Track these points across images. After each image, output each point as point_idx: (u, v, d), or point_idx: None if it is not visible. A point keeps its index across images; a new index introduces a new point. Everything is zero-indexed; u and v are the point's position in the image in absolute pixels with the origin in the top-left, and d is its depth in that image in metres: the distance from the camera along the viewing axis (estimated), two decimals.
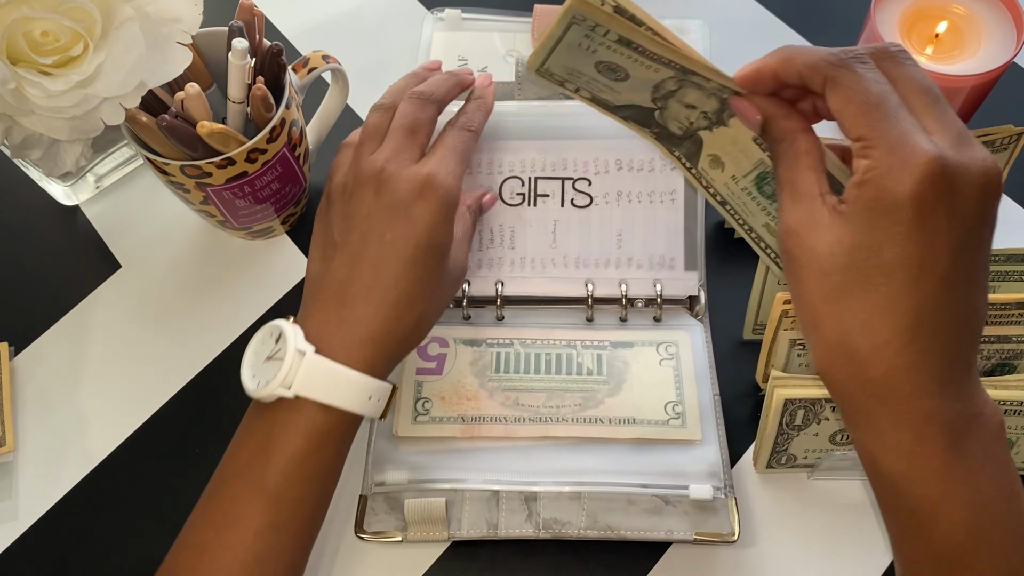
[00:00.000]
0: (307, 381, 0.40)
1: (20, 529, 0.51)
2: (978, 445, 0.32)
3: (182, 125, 0.48)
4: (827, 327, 0.32)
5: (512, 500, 0.49)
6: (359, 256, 0.42)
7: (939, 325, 0.31)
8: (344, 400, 0.40)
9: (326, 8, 0.70)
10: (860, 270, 0.31)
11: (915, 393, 0.31)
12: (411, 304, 0.42)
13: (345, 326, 0.41)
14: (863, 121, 0.31)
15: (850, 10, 0.67)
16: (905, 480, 0.32)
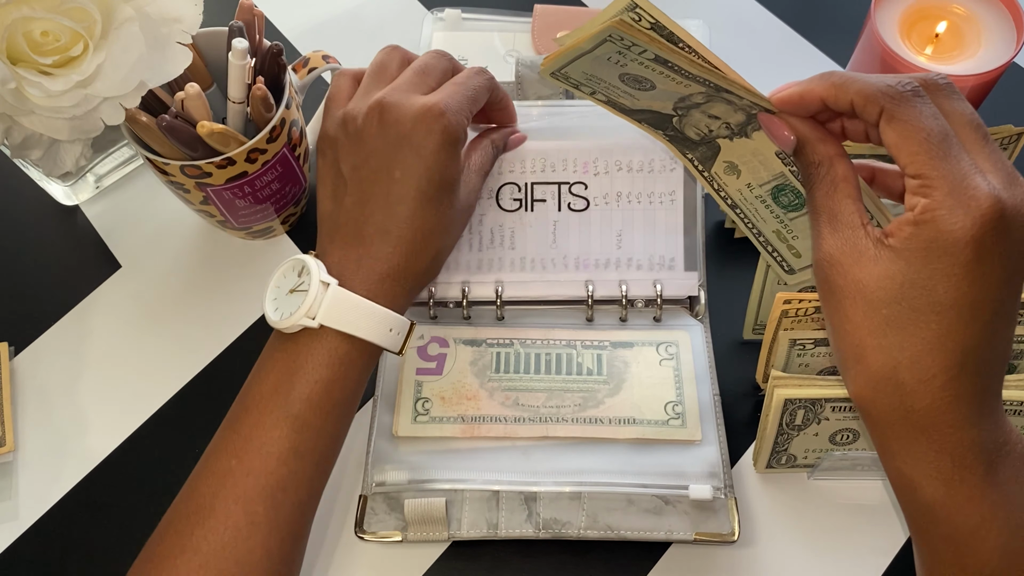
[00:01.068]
0: (331, 311, 0.41)
1: (20, 529, 0.51)
2: (1011, 471, 0.33)
3: (182, 125, 0.48)
4: (873, 359, 0.33)
5: (512, 500, 0.49)
6: (370, 194, 0.43)
7: (983, 360, 0.32)
8: (367, 331, 0.42)
9: (326, 8, 0.70)
10: (912, 306, 0.32)
11: (957, 423, 0.32)
12: (427, 240, 0.43)
13: (364, 263, 0.42)
14: (923, 159, 0.31)
15: (850, 10, 0.67)
16: (943, 506, 0.33)
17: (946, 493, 0.33)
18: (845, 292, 0.33)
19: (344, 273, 0.42)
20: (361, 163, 0.43)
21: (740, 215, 0.44)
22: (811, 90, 0.36)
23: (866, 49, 0.56)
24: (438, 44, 0.66)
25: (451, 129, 0.43)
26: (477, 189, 0.48)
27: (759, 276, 0.50)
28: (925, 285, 0.31)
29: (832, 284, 0.34)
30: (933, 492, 0.33)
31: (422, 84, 0.45)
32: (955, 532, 0.33)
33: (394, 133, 0.42)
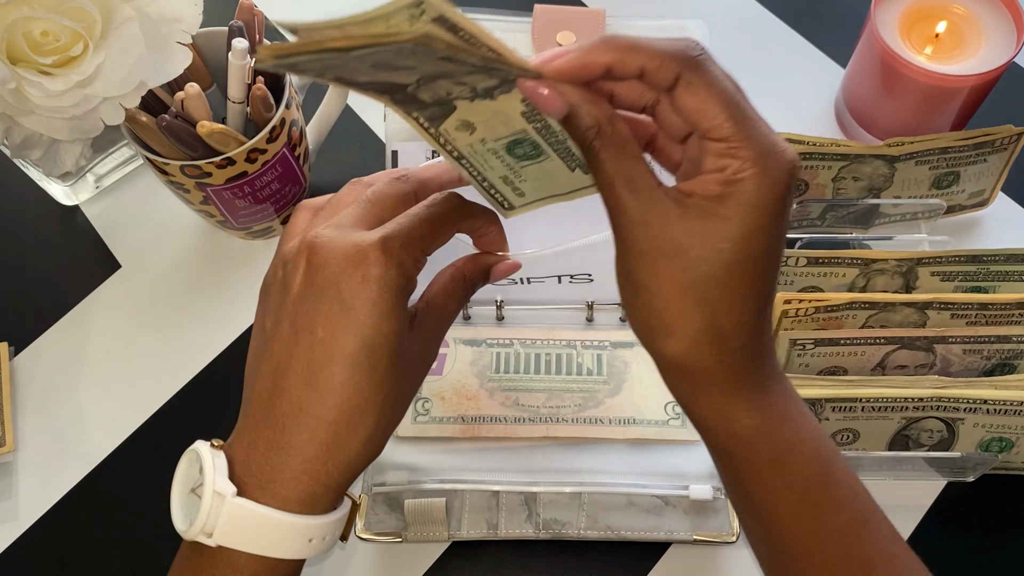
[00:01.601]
0: (229, 530, 0.33)
1: (20, 529, 0.51)
2: (789, 387, 0.36)
3: (182, 125, 0.48)
4: (693, 313, 0.33)
5: (512, 500, 0.49)
6: (288, 358, 0.34)
7: (773, 290, 0.34)
8: (276, 549, 0.34)
9: (326, 8, 0.70)
10: (728, 260, 0.32)
11: (763, 358, 0.34)
12: (356, 421, 0.34)
13: (274, 455, 0.34)
14: (728, 123, 0.32)
15: (850, 10, 0.67)
16: (761, 432, 0.35)
17: (763, 420, 0.34)
18: (661, 252, 0.33)
19: (251, 468, 0.34)
20: (284, 317, 0.34)
21: (465, 164, 0.40)
22: (594, 58, 0.33)
23: (866, 49, 0.56)
24: None
25: (389, 276, 0.33)
26: (437, 337, 0.38)
27: None
28: (740, 240, 0.32)
29: (643, 246, 0.33)
30: (750, 422, 0.34)
31: (368, 216, 0.36)
32: (778, 452, 0.35)
33: (320, 280, 0.34)
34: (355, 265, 0.33)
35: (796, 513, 0.36)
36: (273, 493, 0.33)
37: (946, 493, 0.50)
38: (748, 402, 0.35)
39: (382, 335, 0.33)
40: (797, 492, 0.35)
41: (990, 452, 0.48)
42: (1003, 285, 0.51)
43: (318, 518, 0.34)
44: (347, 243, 0.34)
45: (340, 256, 0.33)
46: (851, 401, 0.45)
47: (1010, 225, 0.58)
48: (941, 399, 0.45)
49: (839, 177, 0.53)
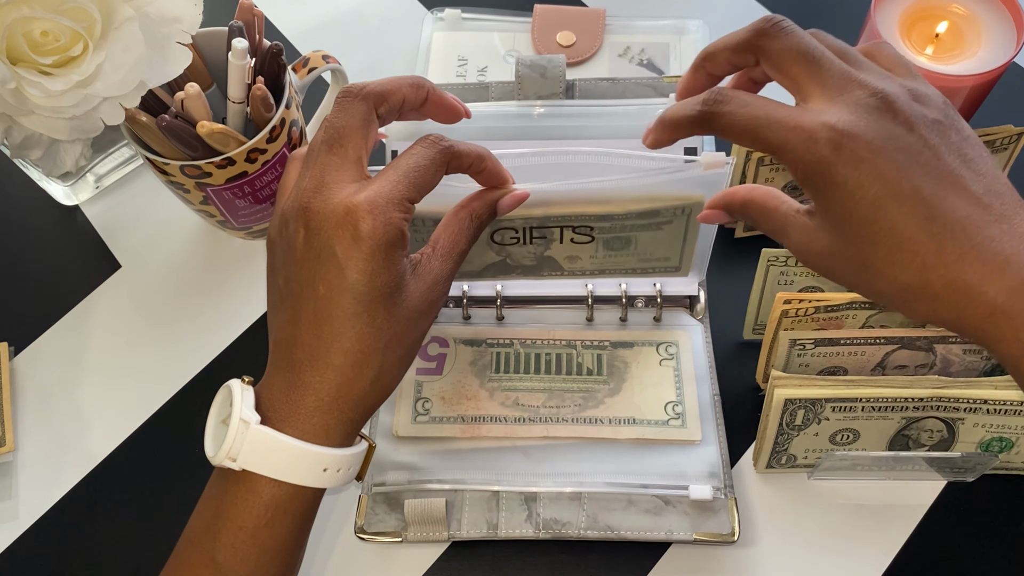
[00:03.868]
0: (252, 454, 0.37)
1: (20, 529, 0.51)
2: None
3: (182, 125, 0.48)
4: (883, 288, 0.34)
5: (512, 500, 0.49)
6: (299, 312, 0.38)
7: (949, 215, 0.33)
8: (294, 474, 0.37)
9: (326, 8, 0.70)
10: (855, 234, 0.34)
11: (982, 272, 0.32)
12: (361, 364, 0.37)
13: (294, 393, 0.37)
14: (802, 72, 0.36)
15: (850, 10, 0.67)
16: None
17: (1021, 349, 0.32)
18: (826, 265, 0.36)
19: (274, 403, 0.38)
20: (292, 275, 0.38)
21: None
22: (693, 77, 0.39)
23: None
24: (438, 44, 0.66)
25: (377, 234, 0.36)
26: (445, 278, 0.40)
27: (759, 276, 0.50)
28: (843, 215, 0.34)
29: (817, 268, 0.36)
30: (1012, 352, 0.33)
31: (342, 164, 0.38)
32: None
33: (317, 243, 0.37)
34: (345, 227, 0.36)
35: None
36: (292, 425, 0.37)
37: (946, 493, 0.50)
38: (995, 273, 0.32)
39: (376, 289, 0.37)
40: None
41: (990, 452, 0.48)
42: None
43: (331, 450, 0.37)
44: (336, 205, 0.36)
45: (332, 220, 0.36)
46: (851, 401, 0.45)
47: None
48: (941, 399, 0.45)
49: None
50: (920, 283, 0.33)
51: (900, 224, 0.33)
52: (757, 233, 0.58)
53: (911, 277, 0.33)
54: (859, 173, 0.33)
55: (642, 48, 0.65)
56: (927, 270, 0.33)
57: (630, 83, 0.55)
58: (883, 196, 0.33)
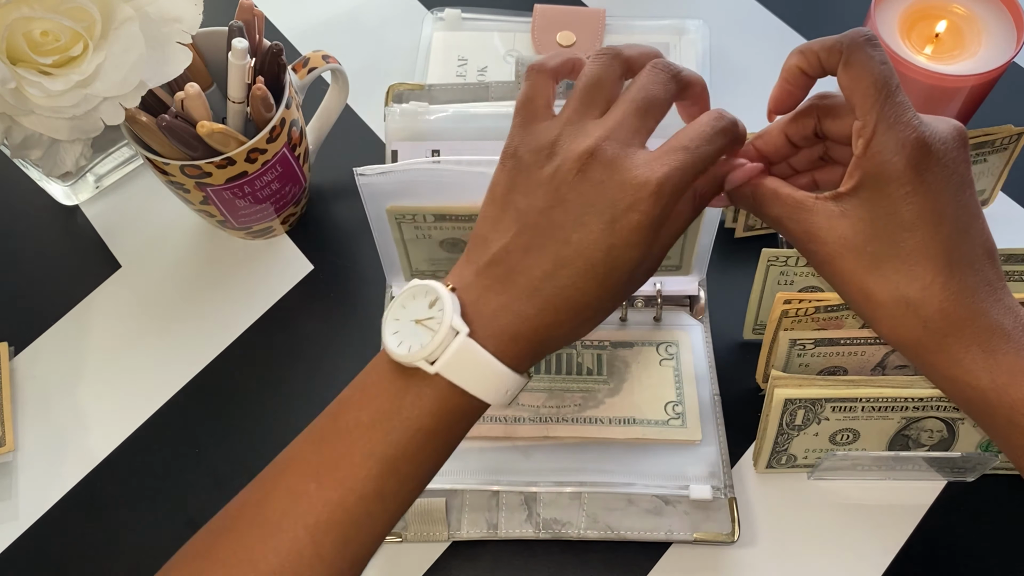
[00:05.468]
0: (453, 362, 0.37)
1: (20, 529, 0.51)
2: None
3: (182, 125, 0.48)
4: (879, 292, 0.36)
5: (512, 500, 0.49)
6: (539, 245, 0.38)
7: (967, 256, 0.36)
8: (483, 390, 0.38)
9: (326, 8, 0.70)
10: (888, 235, 0.36)
11: (971, 316, 0.36)
12: (576, 314, 0.38)
13: (503, 314, 0.38)
14: (871, 100, 0.36)
15: (850, 10, 0.67)
16: (994, 392, 0.35)
17: (990, 380, 0.35)
18: (833, 253, 0.37)
19: (479, 319, 0.38)
20: (543, 207, 0.38)
21: None
22: (789, 72, 0.40)
23: None
24: (438, 44, 0.66)
25: (654, 214, 0.37)
26: (665, 250, 0.40)
27: (759, 276, 0.50)
28: (889, 213, 0.36)
29: (820, 254, 0.38)
30: (979, 383, 0.35)
31: (643, 129, 0.38)
32: (1014, 412, 0.35)
33: (593, 193, 0.37)
34: (630, 195, 0.37)
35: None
36: (495, 344, 0.38)
37: (946, 493, 0.50)
38: (971, 363, 0.36)
39: (627, 260, 0.37)
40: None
41: (990, 452, 0.48)
42: None
43: (517, 376, 0.39)
44: (631, 173, 0.37)
45: (620, 181, 0.37)
46: (851, 401, 0.45)
47: (1010, 225, 0.58)
48: (941, 399, 0.45)
49: None
50: (918, 300, 0.36)
51: (933, 243, 0.35)
52: (757, 233, 0.58)
53: (915, 292, 0.36)
54: (929, 180, 0.35)
55: None
56: (931, 292, 0.35)
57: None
58: (932, 211, 0.35)
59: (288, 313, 0.57)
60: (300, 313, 0.57)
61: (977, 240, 0.37)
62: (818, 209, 0.37)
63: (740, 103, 0.63)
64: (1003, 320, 0.36)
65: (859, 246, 0.36)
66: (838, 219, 0.37)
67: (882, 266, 0.36)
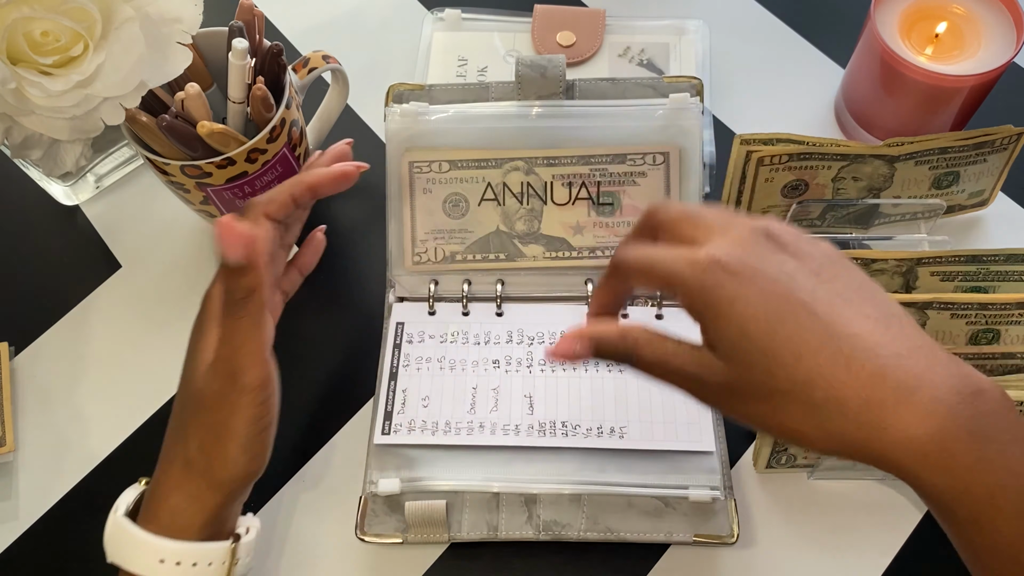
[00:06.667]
0: (108, 542, 0.40)
1: (20, 529, 0.51)
2: (992, 421, 0.31)
3: (182, 125, 0.48)
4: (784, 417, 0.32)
5: (512, 502, 0.49)
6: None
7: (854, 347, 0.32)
8: (133, 562, 0.38)
9: (326, 8, 0.70)
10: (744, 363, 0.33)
11: (898, 401, 0.31)
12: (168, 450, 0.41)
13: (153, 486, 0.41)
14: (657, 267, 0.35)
15: (850, 10, 0.67)
16: (950, 491, 0.31)
17: (951, 480, 0.30)
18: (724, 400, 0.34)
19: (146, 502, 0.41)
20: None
21: None
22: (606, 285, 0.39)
23: (866, 49, 0.56)
24: (438, 44, 0.66)
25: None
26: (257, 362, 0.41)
27: None
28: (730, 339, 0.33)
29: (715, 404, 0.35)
30: (936, 482, 0.31)
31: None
32: (971, 511, 0.31)
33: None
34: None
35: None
36: (144, 516, 0.40)
37: None
38: (922, 455, 0.30)
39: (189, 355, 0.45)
40: (1003, 556, 0.31)
41: None
42: (1003, 285, 0.51)
43: (167, 541, 0.38)
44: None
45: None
46: None
47: (1010, 225, 0.58)
48: None
49: (839, 177, 0.53)
50: (836, 398, 0.31)
51: (798, 336, 0.31)
52: None
53: (823, 392, 0.31)
54: (748, 291, 0.32)
55: (642, 48, 0.65)
56: (838, 385, 0.31)
57: (630, 83, 0.55)
58: (775, 311, 0.32)
59: (288, 313, 0.57)
60: (300, 313, 0.57)
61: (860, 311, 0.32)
62: (695, 358, 0.34)
63: (740, 103, 0.63)
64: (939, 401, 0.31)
65: (742, 379, 0.33)
66: (712, 364, 0.34)
67: (777, 383, 0.32)
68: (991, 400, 0.31)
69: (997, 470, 0.30)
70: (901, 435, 0.30)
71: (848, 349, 0.31)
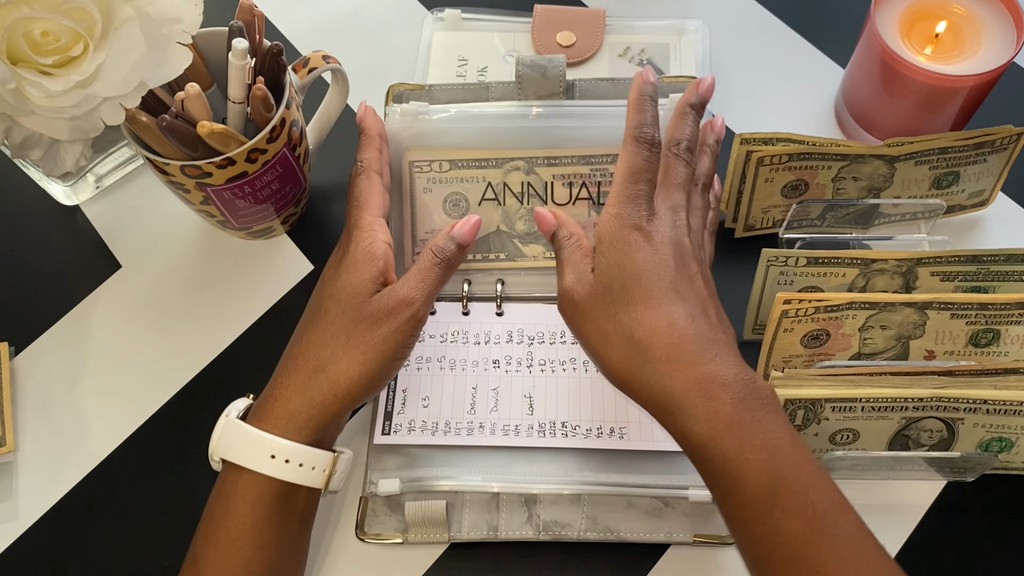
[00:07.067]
0: (220, 442, 0.43)
1: (20, 529, 0.51)
2: (759, 403, 0.38)
3: (182, 125, 0.48)
4: (612, 334, 0.41)
5: (512, 502, 0.49)
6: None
7: (689, 314, 0.41)
8: (244, 457, 0.41)
9: (326, 8, 0.70)
10: (617, 287, 0.42)
11: (694, 360, 0.39)
12: (309, 358, 0.44)
13: (267, 391, 0.44)
14: (617, 183, 0.45)
15: (850, 10, 0.67)
16: (711, 440, 0.38)
17: (708, 428, 0.38)
18: (581, 301, 0.43)
19: (257, 406, 0.44)
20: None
21: None
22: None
23: (866, 49, 0.56)
24: (438, 44, 0.66)
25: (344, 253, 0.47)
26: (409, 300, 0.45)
27: (759, 276, 0.50)
28: (615, 268, 0.42)
29: (574, 302, 0.43)
30: (699, 431, 0.38)
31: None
32: (726, 461, 0.37)
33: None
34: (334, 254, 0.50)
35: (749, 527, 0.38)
36: (260, 418, 0.43)
37: (946, 493, 0.50)
38: (693, 410, 0.38)
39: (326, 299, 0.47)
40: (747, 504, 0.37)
41: (990, 452, 0.48)
42: (1003, 285, 0.51)
43: (279, 439, 0.41)
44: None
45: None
46: (851, 401, 0.45)
47: (1010, 225, 0.58)
48: (941, 399, 0.45)
49: (839, 177, 0.53)
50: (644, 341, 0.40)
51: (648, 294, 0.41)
52: (757, 233, 0.58)
53: (642, 335, 0.40)
54: (645, 248, 0.42)
55: (642, 48, 0.65)
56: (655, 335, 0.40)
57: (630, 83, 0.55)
58: (645, 271, 0.42)
59: (288, 313, 0.57)
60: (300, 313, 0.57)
61: (696, 299, 0.42)
62: (583, 271, 0.44)
63: (740, 103, 0.63)
64: (728, 373, 0.39)
65: (600, 297, 0.42)
66: (588, 276, 0.43)
67: (616, 314, 0.41)
68: (761, 389, 0.39)
69: (748, 431, 0.38)
70: (681, 387, 0.39)
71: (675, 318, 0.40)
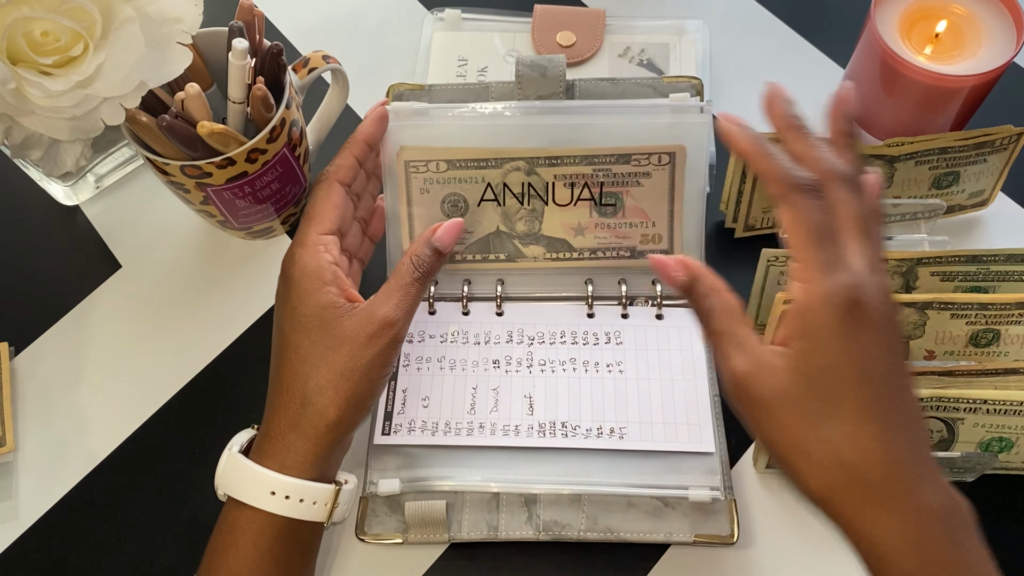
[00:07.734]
0: (223, 476, 0.43)
1: (20, 529, 0.51)
2: (966, 533, 0.35)
3: (182, 125, 0.48)
4: (815, 450, 0.35)
5: (512, 502, 0.49)
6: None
7: (904, 424, 0.35)
8: (245, 493, 0.42)
9: (326, 8, 0.70)
10: (825, 390, 0.35)
11: (910, 489, 0.34)
12: (289, 388, 0.43)
13: (261, 426, 0.44)
14: (803, 248, 0.36)
15: (850, 10, 0.67)
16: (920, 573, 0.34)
17: (920, 562, 0.34)
18: (770, 400, 0.36)
19: (257, 442, 0.44)
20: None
21: None
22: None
23: (866, 49, 0.56)
24: (438, 44, 0.66)
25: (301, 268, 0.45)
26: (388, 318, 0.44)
27: (759, 276, 0.50)
28: (828, 367, 0.35)
29: (754, 396, 0.37)
30: (907, 563, 0.34)
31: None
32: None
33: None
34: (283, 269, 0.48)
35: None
36: (258, 453, 0.43)
37: None
38: (904, 542, 0.34)
39: (302, 318, 0.46)
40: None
41: (990, 452, 0.48)
42: (1003, 285, 0.51)
43: (282, 476, 0.41)
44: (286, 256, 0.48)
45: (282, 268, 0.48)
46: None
47: (1010, 225, 0.58)
48: (941, 399, 0.45)
49: None
50: (857, 463, 0.34)
51: (871, 404, 0.35)
52: (757, 233, 0.58)
53: (853, 455, 0.34)
54: (862, 337, 0.35)
55: (642, 48, 0.65)
56: (871, 458, 0.34)
57: (630, 83, 0.55)
58: (863, 370, 0.35)
59: None
60: None
61: (914, 409, 0.36)
62: (764, 353, 0.37)
63: (740, 103, 0.63)
64: (936, 501, 0.35)
65: (797, 399, 0.35)
66: (781, 370, 0.36)
67: (820, 423, 0.35)
68: (964, 513, 0.35)
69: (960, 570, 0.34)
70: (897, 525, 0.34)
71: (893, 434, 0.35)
